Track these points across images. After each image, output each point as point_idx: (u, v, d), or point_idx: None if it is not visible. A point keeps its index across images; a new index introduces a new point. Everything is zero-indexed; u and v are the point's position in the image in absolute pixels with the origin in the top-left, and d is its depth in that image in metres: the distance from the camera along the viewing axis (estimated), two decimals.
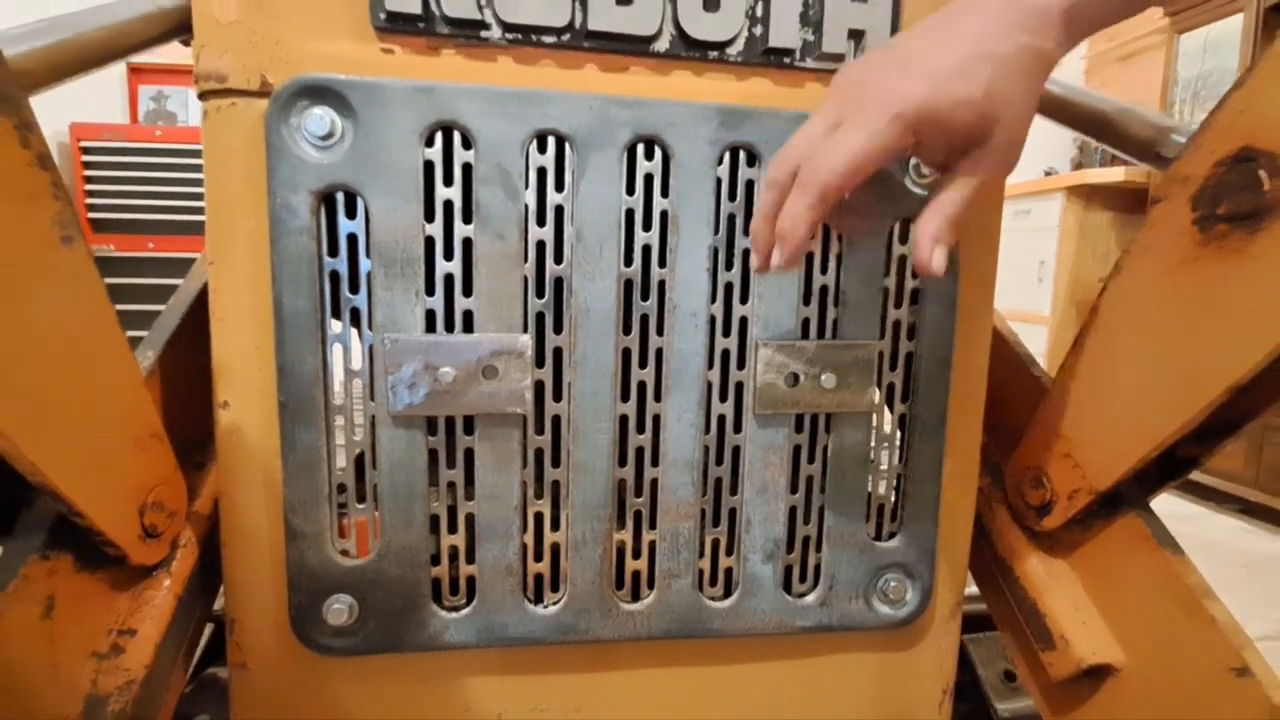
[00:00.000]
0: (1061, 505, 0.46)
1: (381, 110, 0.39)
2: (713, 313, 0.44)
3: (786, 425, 0.45)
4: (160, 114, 2.75)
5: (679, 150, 0.42)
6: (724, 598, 0.47)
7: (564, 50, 0.41)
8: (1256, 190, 0.35)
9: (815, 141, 0.35)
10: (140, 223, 2.39)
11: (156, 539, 0.41)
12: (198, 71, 0.39)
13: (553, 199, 0.41)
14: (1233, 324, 0.36)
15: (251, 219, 0.40)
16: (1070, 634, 0.46)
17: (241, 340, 0.41)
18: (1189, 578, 0.41)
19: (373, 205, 0.39)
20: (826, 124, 0.35)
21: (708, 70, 0.43)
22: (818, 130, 0.35)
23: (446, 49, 0.40)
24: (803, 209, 0.34)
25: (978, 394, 0.49)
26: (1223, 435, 0.41)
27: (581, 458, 0.44)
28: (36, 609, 0.34)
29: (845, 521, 0.47)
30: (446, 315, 0.41)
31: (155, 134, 2.44)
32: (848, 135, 0.33)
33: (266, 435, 0.42)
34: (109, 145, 2.36)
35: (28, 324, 0.31)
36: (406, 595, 0.43)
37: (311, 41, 0.39)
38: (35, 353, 0.31)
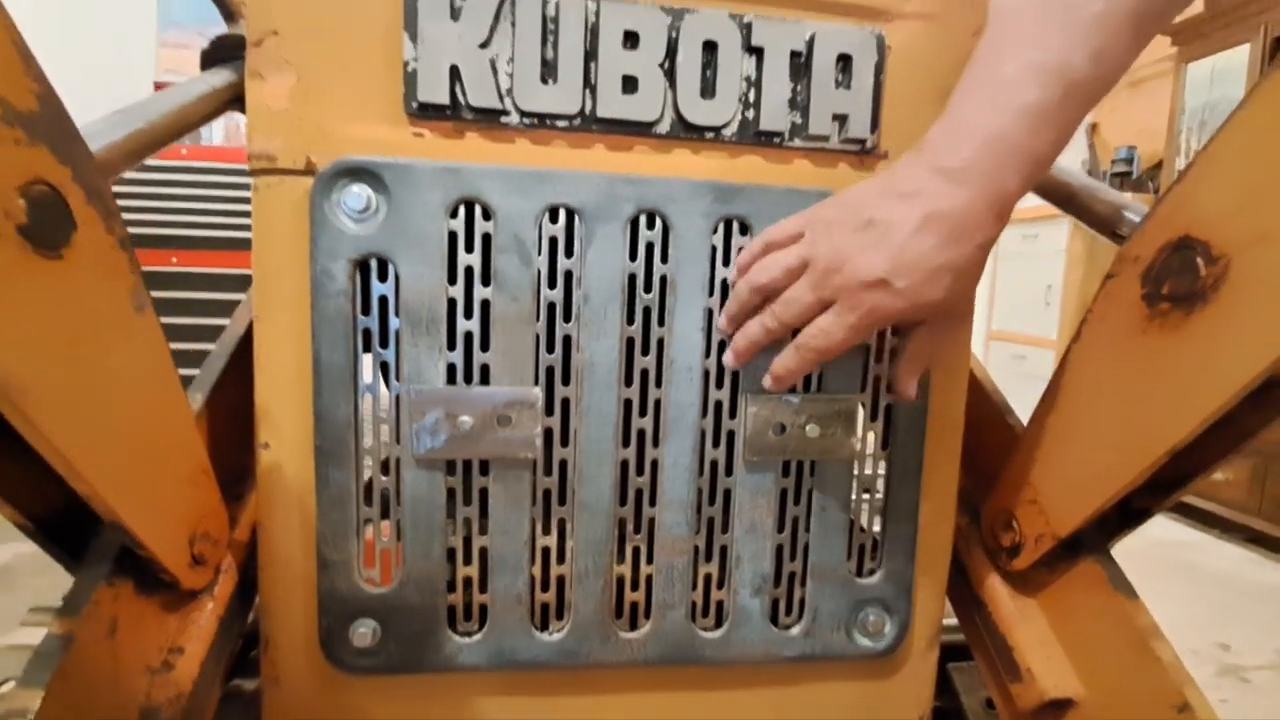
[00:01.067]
0: (1029, 548, 0.50)
1: (412, 187, 0.44)
2: (706, 367, 0.48)
3: (774, 470, 0.49)
4: None
5: (677, 222, 0.46)
6: (715, 628, 0.51)
7: (575, 133, 0.46)
8: (1194, 275, 0.39)
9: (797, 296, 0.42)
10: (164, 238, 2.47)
11: (203, 566, 0.45)
12: (250, 151, 0.44)
13: (563, 265, 0.46)
14: (1172, 393, 0.39)
15: (295, 282, 0.45)
16: (1036, 668, 0.49)
17: (282, 389, 0.46)
18: (1139, 619, 0.44)
19: (402, 270, 0.44)
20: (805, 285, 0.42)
21: (704, 149, 0.48)
22: (791, 264, 0.43)
23: (470, 132, 0.45)
24: (796, 367, 0.44)
25: (953, 441, 0.53)
26: (1172, 489, 0.45)
27: (586, 497, 0.48)
28: (103, 630, 0.39)
29: (828, 559, 0.51)
30: (466, 369, 0.46)
31: (181, 152, 2.52)
32: (838, 329, 0.41)
33: (302, 473, 0.46)
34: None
35: (108, 382, 0.36)
36: (424, 620, 0.47)
37: (352, 126, 0.44)
38: (113, 406, 0.36)
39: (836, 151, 0.49)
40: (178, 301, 2.38)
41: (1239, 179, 0.37)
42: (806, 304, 0.42)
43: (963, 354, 0.53)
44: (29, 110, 0.29)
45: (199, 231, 2.46)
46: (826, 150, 0.49)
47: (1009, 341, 3.19)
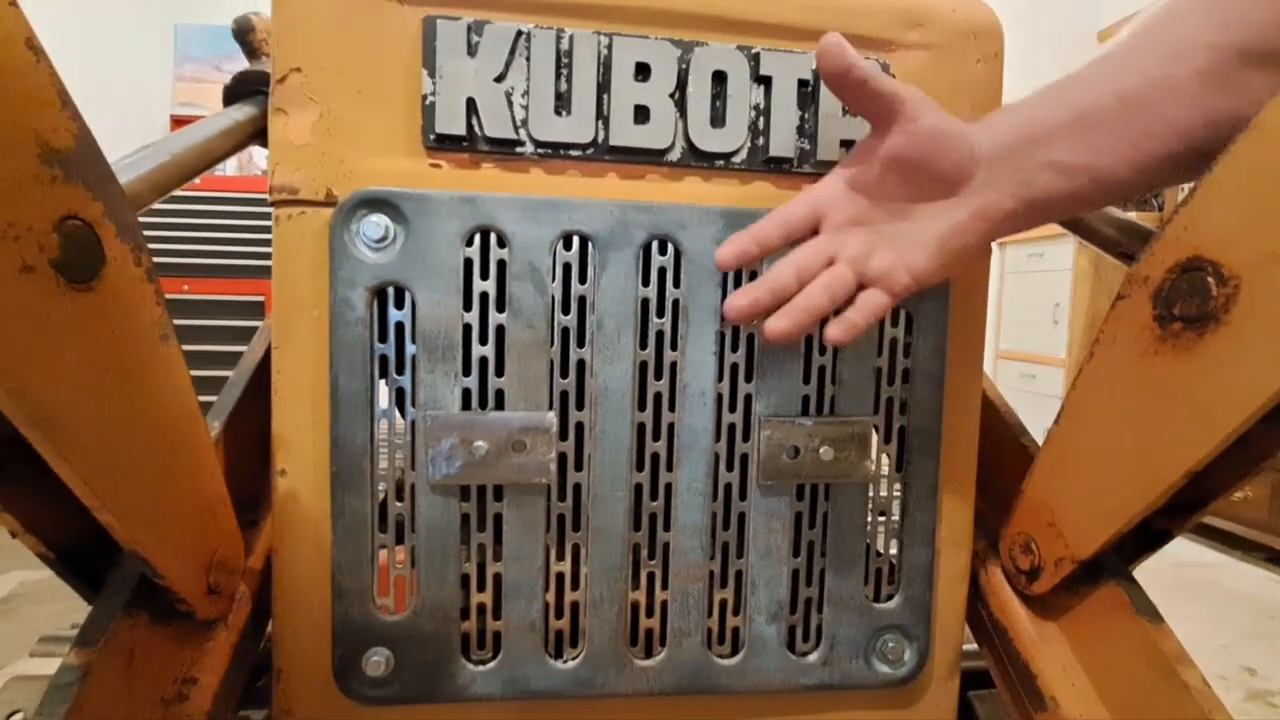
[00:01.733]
0: (1049, 572, 0.50)
1: (429, 217, 0.44)
2: (720, 391, 0.48)
3: (789, 494, 0.49)
4: None
5: (689, 247, 0.47)
6: (731, 655, 0.50)
7: (588, 162, 0.47)
8: (1205, 296, 0.39)
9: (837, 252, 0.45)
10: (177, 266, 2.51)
11: (219, 595, 0.45)
12: (272, 184, 0.45)
13: (576, 291, 0.47)
14: (1186, 416, 0.39)
15: (314, 311, 0.45)
16: (1060, 695, 0.48)
17: (299, 416, 0.46)
18: (1165, 645, 0.43)
19: (419, 298, 0.45)
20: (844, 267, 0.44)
21: (715, 176, 0.49)
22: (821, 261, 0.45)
23: (486, 163, 0.46)
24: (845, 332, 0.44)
25: (969, 463, 0.53)
26: (1191, 511, 0.45)
27: (600, 523, 0.48)
28: (120, 660, 0.39)
29: (845, 584, 0.50)
30: (481, 394, 0.46)
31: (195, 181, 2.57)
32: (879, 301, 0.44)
33: (318, 501, 0.46)
34: None
35: (134, 414, 0.36)
36: (438, 649, 0.47)
37: (371, 159, 0.45)
38: (138, 437, 0.36)
39: None
40: (190, 329, 2.41)
41: (1248, 198, 0.37)
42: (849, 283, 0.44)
43: (975, 375, 0.53)
44: (66, 149, 0.30)
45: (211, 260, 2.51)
46: None
47: (1018, 361, 3.17)
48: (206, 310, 2.50)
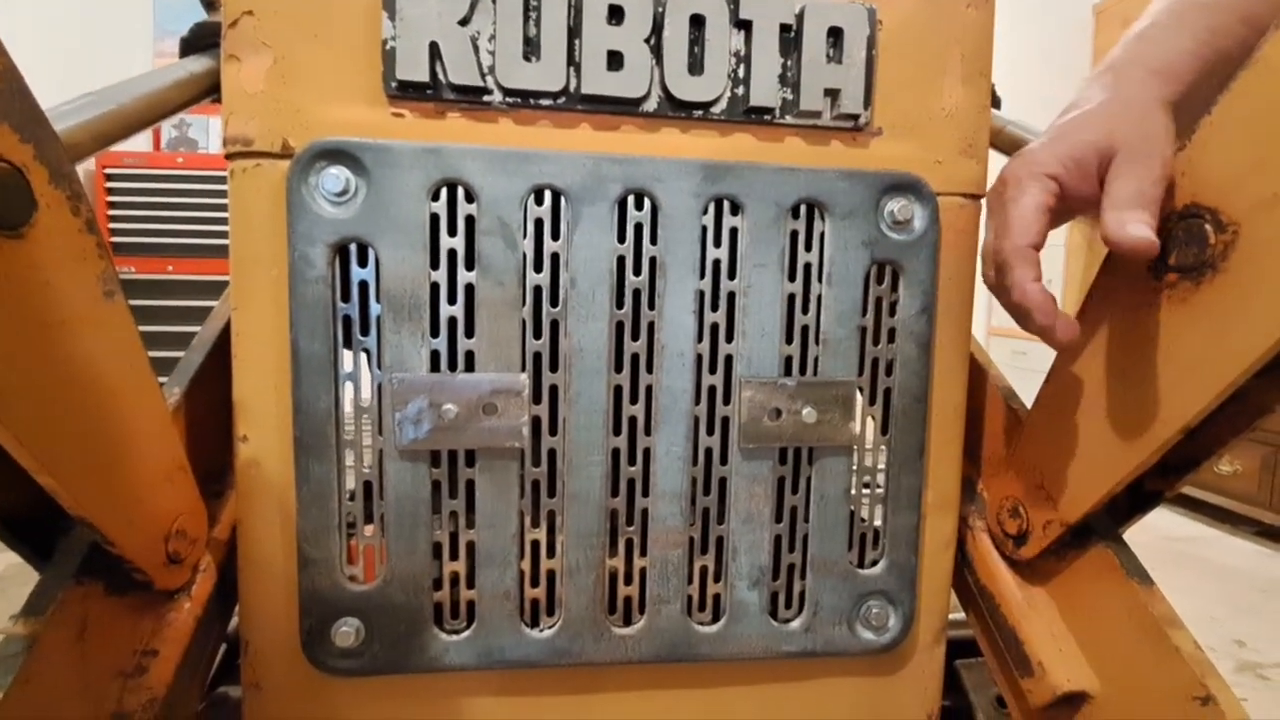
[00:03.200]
0: (1036, 536, 0.48)
1: (392, 169, 0.42)
2: (699, 352, 0.46)
3: (771, 458, 0.48)
4: (182, 141, 2.84)
5: (666, 202, 0.45)
6: (712, 623, 0.49)
7: (559, 112, 0.45)
8: (1202, 244, 0.37)
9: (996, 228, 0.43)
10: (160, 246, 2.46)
11: (179, 565, 0.44)
12: (225, 135, 0.43)
13: (549, 248, 0.45)
14: (1182, 369, 0.38)
15: (272, 269, 0.43)
16: (1047, 661, 0.47)
17: (261, 379, 0.44)
18: (1155, 608, 0.42)
19: (383, 255, 0.43)
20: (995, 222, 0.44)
21: (693, 128, 0.46)
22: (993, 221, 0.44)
23: (451, 112, 0.44)
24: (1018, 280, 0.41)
25: (956, 426, 0.52)
26: (1184, 471, 0.43)
27: (576, 488, 0.46)
28: (71, 631, 0.37)
29: (828, 549, 0.49)
30: (450, 356, 0.44)
31: (177, 160, 2.52)
32: (1007, 209, 0.42)
33: (282, 468, 0.45)
34: (132, 172, 2.45)
35: (75, 372, 0.34)
36: (410, 619, 0.46)
37: (329, 108, 0.43)
38: (80, 397, 0.35)
39: (829, 128, 0.47)
40: (172, 309, 2.38)
41: (1248, 141, 0.35)
42: None
43: (963, 334, 0.51)
44: None
45: (194, 240, 2.47)
46: (818, 127, 0.47)
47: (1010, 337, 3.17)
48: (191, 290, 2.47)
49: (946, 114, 0.49)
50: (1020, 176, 0.42)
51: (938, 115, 0.49)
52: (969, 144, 0.49)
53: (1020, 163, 0.43)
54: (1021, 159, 0.43)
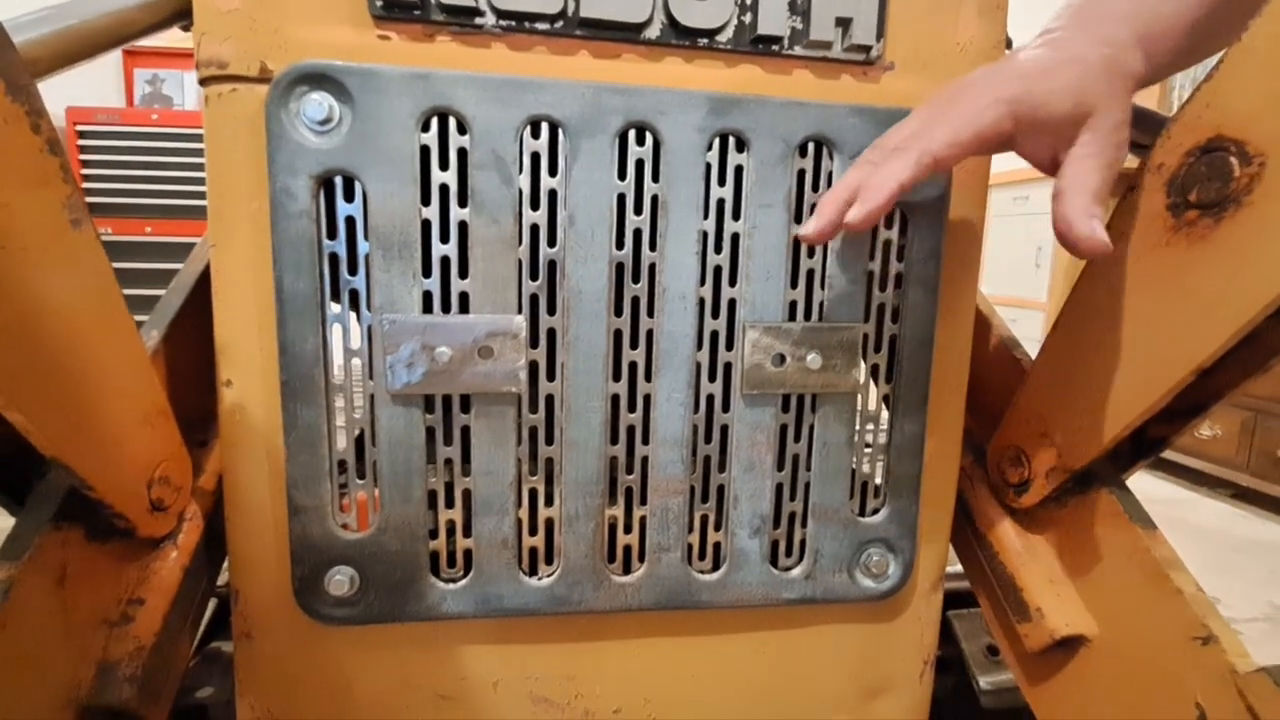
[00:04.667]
0: (1039, 483, 0.48)
1: (378, 96, 0.40)
2: (701, 295, 0.45)
3: (773, 405, 0.47)
4: (156, 97, 2.73)
5: (669, 137, 0.43)
6: (712, 571, 0.48)
7: (557, 38, 0.42)
8: (1225, 179, 0.36)
9: (914, 127, 0.38)
10: (138, 207, 2.39)
11: (163, 512, 0.42)
12: (199, 58, 0.40)
13: (546, 184, 0.42)
14: (1197, 309, 0.37)
15: (252, 203, 0.41)
16: (1045, 606, 0.48)
17: (243, 320, 0.42)
18: (1157, 551, 0.42)
19: (370, 189, 0.41)
20: (927, 115, 0.39)
21: (698, 58, 0.44)
22: (918, 120, 0.39)
23: (442, 36, 0.41)
24: (897, 168, 0.37)
25: (960, 375, 0.51)
26: (1190, 416, 0.43)
27: (574, 436, 0.45)
28: (51, 577, 0.36)
29: (830, 498, 0.49)
30: (443, 297, 0.42)
31: (152, 117, 2.43)
32: (950, 116, 0.37)
33: (268, 413, 0.43)
34: (105, 129, 2.35)
35: (40, 304, 0.32)
36: (405, 567, 0.45)
37: (310, 28, 0.40)
38: (47, 331, 0.33)
39: (839, 61, 0.45)
40: (152, 272, 2.32)
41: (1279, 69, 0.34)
42: (912, 127, 0.39)
43: (971, 281, 0.50)
44: None
45: (173, 200, 2.39)
46: (829, 60, 0.45)
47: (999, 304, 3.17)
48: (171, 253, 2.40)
49: (961, 48, 0.46)
50: (979, 98, 0.37)
51: (952, 50, 0.46)
52: None
53: (987, 87, 0.37)
54: (989, 84, 0.37)
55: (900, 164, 0.37)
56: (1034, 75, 0.37)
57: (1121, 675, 0.45)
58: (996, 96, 0.37)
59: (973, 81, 0.38)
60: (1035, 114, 0.37)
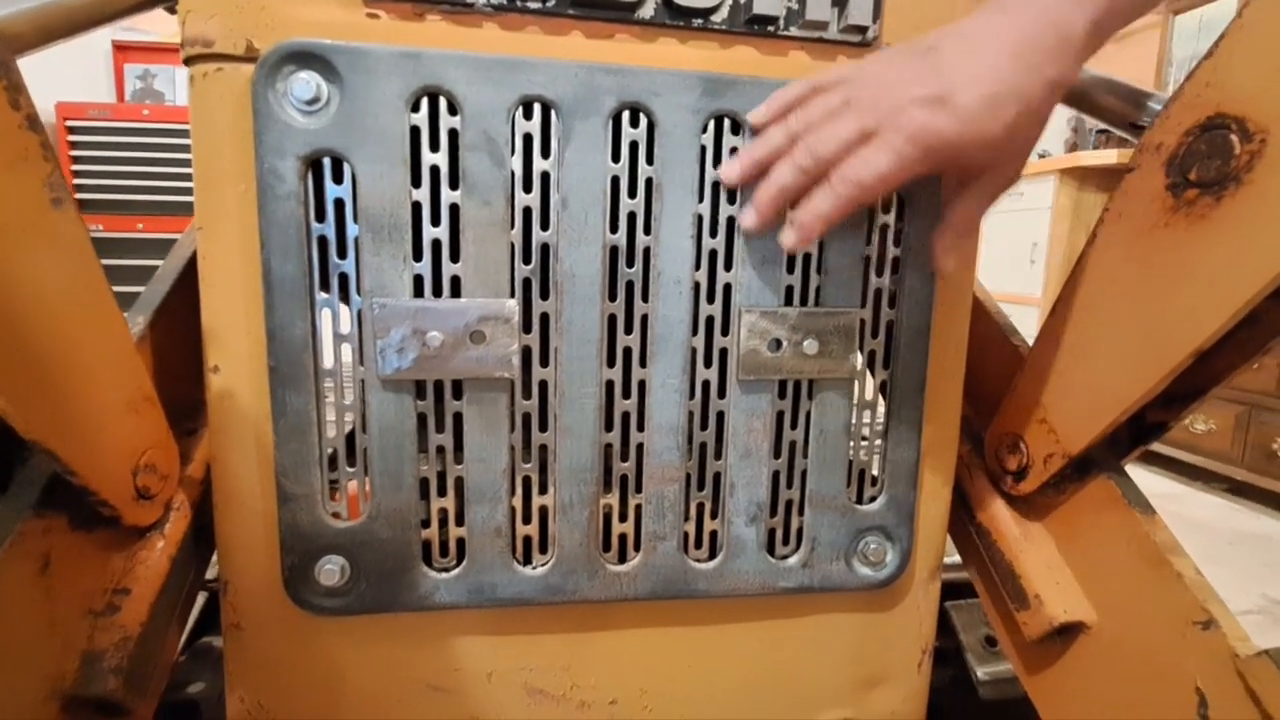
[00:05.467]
0: (1037, 469, 0.48)
1: (367, 76, 0.39)
2: (697, 279, 0.44)
3: (769, 391, 0.46)
4: (147, 92, 2.71)
5: (663, 118, 0.42)
6: (708, 559, 0.48)
7: (549, 17, 0.42)
8: (1225, 157, 0.36)
9: (837, 128, 0.37)
10: (129, 203, 2.37)
11: (149, 500, 0.41)
12: (184, 36, 0.39)
13: (539, 166, 0.42)
14: (1197, 290, 0.37)
15: (239, 184, 0.40)
16: (1044, 593, 0.47)
17: (231, 305, 0.42)
18: (1157, 535, 0.42)
19: (359, 170, 0.40)
20: (848, 116, 0.37)
21: (692, 38, 0.43)
22: (832, 105, 0.38)
23: (432, 15, 0.41)
24: (828, 209, 0.38)
25: (957, 361, 0.50)
26: (1189, 401, 0.43)
27: (568, 422, 0.44)
28: (33, 565, 0.35)
29: (827, 485, 0.48)
30: (434, 280, 0.42)
31: (143, 113, 2.41)
32: (879, 156, 0.36)
33: (257, 399, 0.42)
34: (95, 125, 2.33)
35: (19, 285, 0.31)
36: (397, 556, 0.44)
37: (297, 6, 0.39)
38: (27, 313, 0.32)
39: (835, 42, 0.45)
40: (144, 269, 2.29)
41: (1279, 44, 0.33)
42: (845, 136, 0.36)
43: (969, 267, 0.50)
44: None
45: (165, 197, 2.37)
46: (824, 41, 0.45)
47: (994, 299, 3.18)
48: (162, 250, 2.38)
49: None
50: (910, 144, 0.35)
51: None
52: None
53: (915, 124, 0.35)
54: (925, 113, 0.35)
55: (829, 207, 0.38)
56: (972, 117, 0.34)
57: (1121, 661, 0.44)
58: (928, 146, 0.35)
59: (905, 103, 0.35)
60: (955, 161, 0.37)
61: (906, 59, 0.37)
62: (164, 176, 2.37)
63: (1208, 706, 0.38)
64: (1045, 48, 0.34)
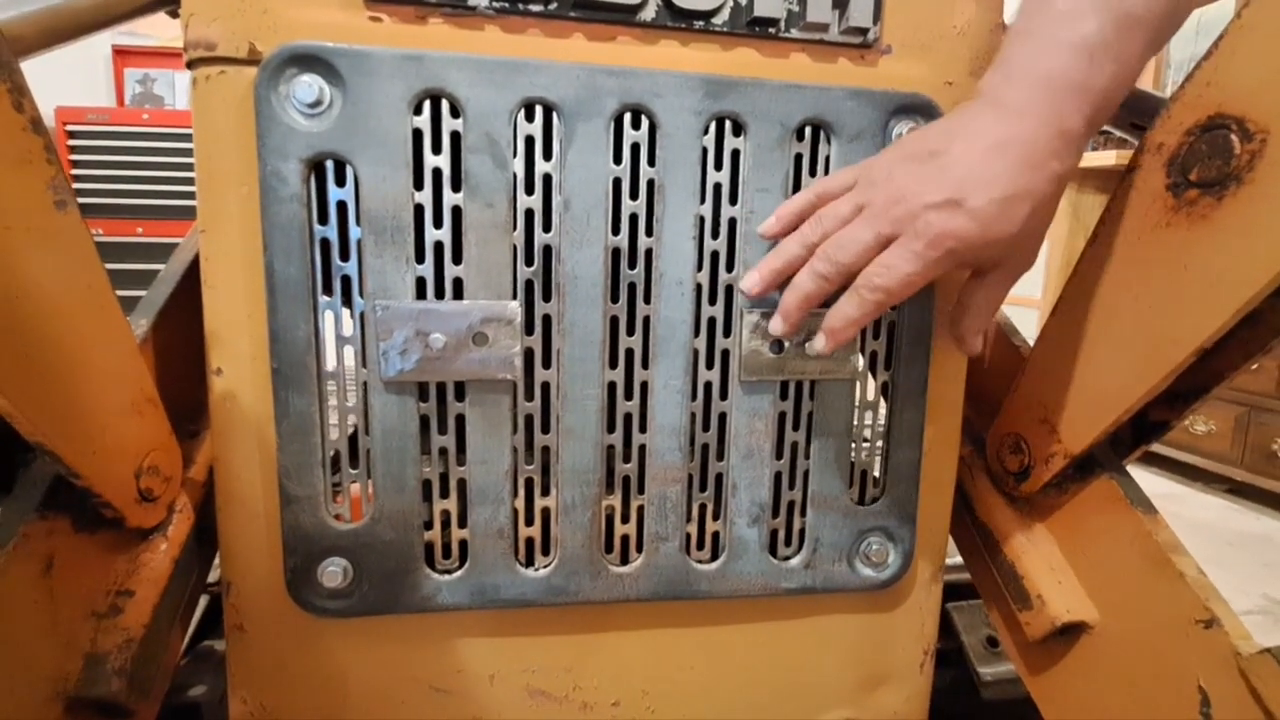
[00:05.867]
0: (1039, 470, 0.48)
1: (370, 78, 0.39)
2: (699, 281, 0.44)
3: (771, 392, 0.46)
4: (147, 97, 2.72)
5: (665, 120, 0.42)
6: (711, 560, 0.48)
7: (551, 19, 0.42)
8: (1226, 157, 0.36)
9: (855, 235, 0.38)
10: (129, 207, 2.37)
11: (153, 503, 0.41)
12: (186, 40, 0.39)
13: (541, 168, 0.42)
14: (1199, 288, 0.37)
15: (242, 187, 0.40)
16: (1046, 593, 0.47)
17: (233, 307, 0.42)
18: (1159, 535, 0.42)
19: (362, 173, 0.40)
20: (863, 223, 0.38)
21: (694, 40, 0.44)
22: (843, 213, 0.39)
23: (434, 18, 0.41)
24: (857, 315, 0.39)
25: (958, 362, 0.51)
26: (1191, 399, 0.43)
27: (570, 424, 0.44)
28: (36, 567, 0.35)
29: (829, 486, 0.48)
30: (437, 282, 0.42)
31: (143, 117, 2.41)
32: (904, 262, 0.37)
33: (260, 401, 0.42)
34: (95, 129, 2.33)
35: (23, 287, 0.31)
36: (400, 558, 0.44)
37: (300, 9, 0.39)
38: (30, 315, 0.32)
39: (836, 44, 0.45)
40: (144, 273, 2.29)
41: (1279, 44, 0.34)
42: (864, 243, 0.37)
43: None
44: None
45: (165, 201, 2.37)
46: (825, 42, 0.45)
47: None
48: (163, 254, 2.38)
49: (958, 31, 0.46)
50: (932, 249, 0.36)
51: (949, 33, 0.46)
52: (980, 64, 0.47)
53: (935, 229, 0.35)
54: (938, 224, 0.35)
55: (858, 314, 0.38)
56: (988, 220, 0.35)
57: (1123, 661, 0.44)
58: (949, 249, 0.36)
59: (922, 211, 0.36)
60: (974, 260, 0.38)
61: (912, 164, 0.37)
62: (164, 181, 2.37)
63: (1210, 705, 0.38)
64: (1049, 146, 0.35)
